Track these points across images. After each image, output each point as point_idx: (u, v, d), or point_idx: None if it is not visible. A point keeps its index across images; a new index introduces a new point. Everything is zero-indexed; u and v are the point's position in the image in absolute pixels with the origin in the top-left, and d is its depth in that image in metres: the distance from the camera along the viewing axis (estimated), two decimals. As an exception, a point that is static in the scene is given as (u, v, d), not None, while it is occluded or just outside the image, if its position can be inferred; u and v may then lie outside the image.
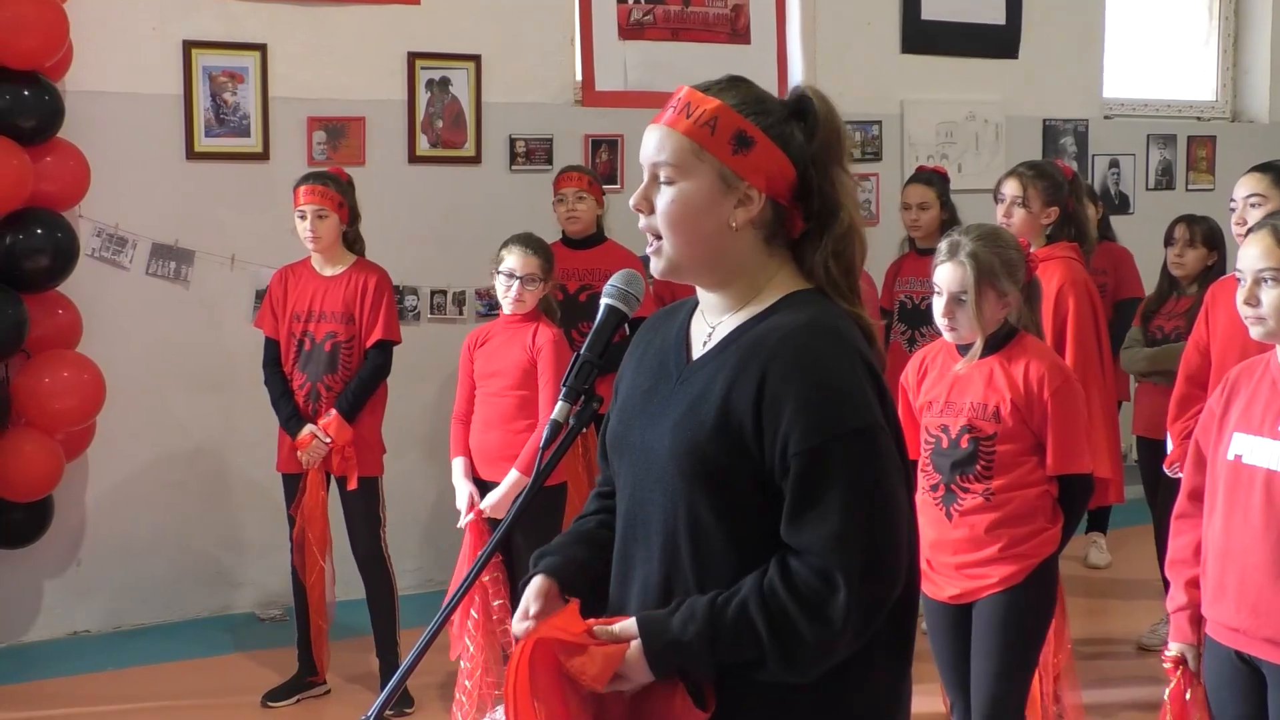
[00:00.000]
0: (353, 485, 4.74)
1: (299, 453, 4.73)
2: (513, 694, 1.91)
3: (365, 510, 4.80)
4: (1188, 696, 2.96)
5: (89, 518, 5.63)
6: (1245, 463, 2.80)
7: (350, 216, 4.82)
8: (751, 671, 1.91)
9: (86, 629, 5.64)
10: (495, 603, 4.39)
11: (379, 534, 4.83)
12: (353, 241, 4.87)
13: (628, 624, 1.95)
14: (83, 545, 5.63)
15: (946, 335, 3.57)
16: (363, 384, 4.74)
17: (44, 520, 5.31)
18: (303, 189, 4.74)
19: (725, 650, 1.89)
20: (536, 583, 2.09)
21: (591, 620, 1.99)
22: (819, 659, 1.89)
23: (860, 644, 1.91)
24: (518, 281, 4.41)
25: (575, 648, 1.94)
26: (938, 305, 3.53)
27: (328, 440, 4.69)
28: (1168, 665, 3.01)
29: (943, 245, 3.56)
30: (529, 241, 4.48)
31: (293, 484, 4.84)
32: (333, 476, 4.81)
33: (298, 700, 4.89)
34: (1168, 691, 2.99)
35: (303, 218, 4.73)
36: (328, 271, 4.81)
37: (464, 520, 4.48)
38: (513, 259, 4.42)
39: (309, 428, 4.71)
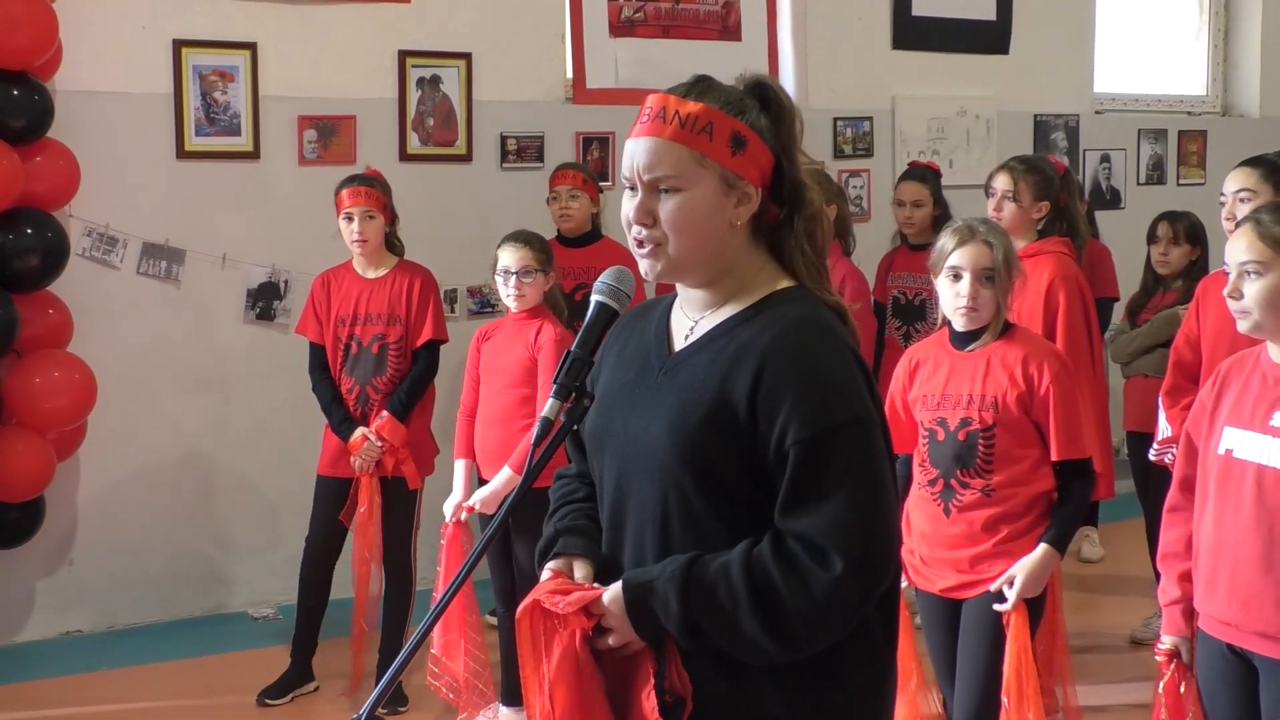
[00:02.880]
0: (415, 484, 4.74)
1: (352, 457, 4.71)
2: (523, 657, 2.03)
3: (405, 512, 4.80)
4: (1181, 689, 2.96)
5: (81, 517, 5.62)
6: (1236, 457, 2.81)
7: (391, 217, 4.83)
8: (726, 638, 1.92)
9: (79, 629, 5.63)
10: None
11: (411, 538, 4.83)
12: (393, 243, 4.87)
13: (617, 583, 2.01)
14: (75, 545, 5.62)
15: (962, 320, 3.53)
16: (415, 384, 4.74)
17: (36, 520, 5.30)
18: (347, 191, 4.73)
19: (699, 602, 1.91)
20: (584, 568, 2.09)
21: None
22: (801, 632, 1.91)
23: (846, 631, 1.94)
24: (514, 277, 4.41)
25: (557, 592, 2.03)
26: (958, 287, 3.50)
27: (380, 443, 4.69)
28: (1160, 659, 3.00)
29: (949, 233, 3.55)
30: (519, 236, 4.49)
31: (329, 488, 4.81)
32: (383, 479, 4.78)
33: (292, 698, 4.89)
34: (1161, 685, 2.99)
35: (349, 220, 4.72)
36: (371, 274, 4.81)
37: (448, 518, 4.49)
38: (505, 256, 4.44)
39: (361, 430, 4.70)
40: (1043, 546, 3.48)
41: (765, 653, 1.92)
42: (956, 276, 3.50)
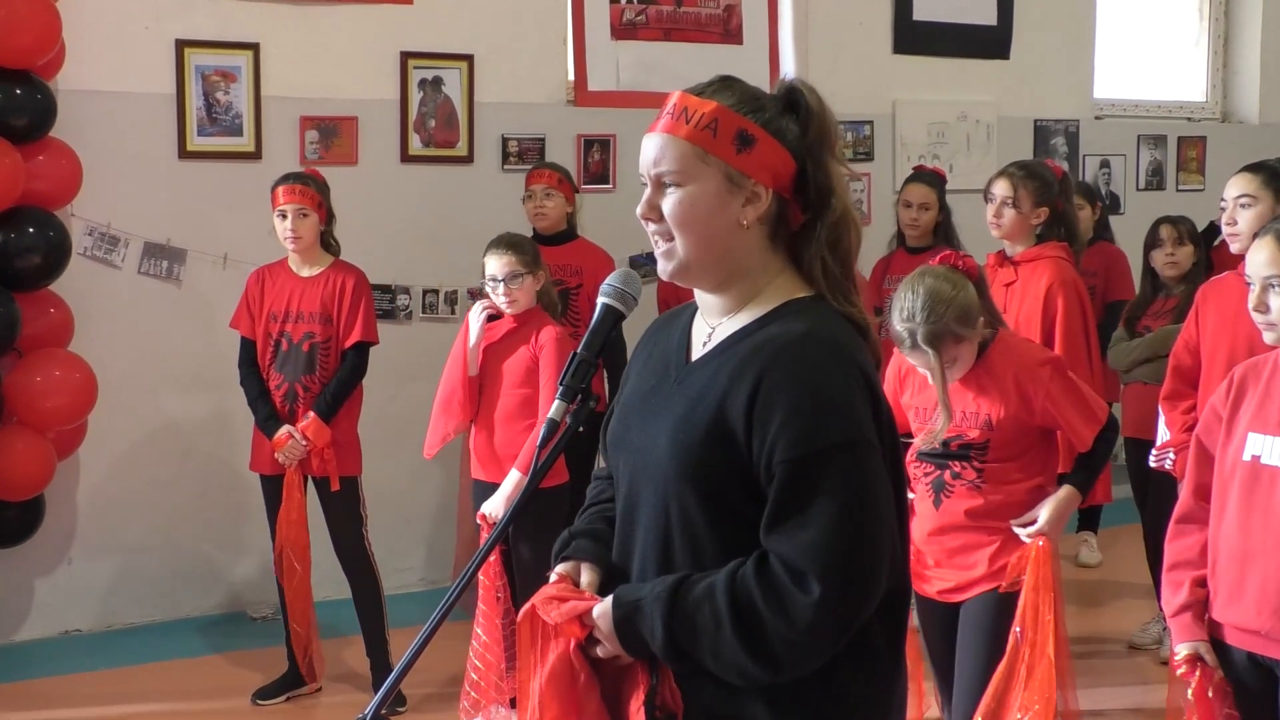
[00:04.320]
0: (336, 486, 4.75)
1: (276, 453, 4.73)
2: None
3: (347, 510, 4.81)
4: (1210, 694, 2.85)
5: (80, 516, 5.63)
6: (1264, 463, 2.77)
7: (327, 217, 4.84)
8: (710, 660, 1.91)
9: (78, 628, 5.64)
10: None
11: (362, 533, 4.84)
12: (328, 243, 4.87)
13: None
14: (74, 544, 5.63)
15: None
16: (341, 385, 4.74)
17: (35, 519, 5.31)
18: (282, 189, 4.74)
19: (683, 624, 1.90)
20: (590, 574, 2.09)
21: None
22: (782, 655, 1.88)
23: (829, 655, 1.91)
24: (500, 284, 4.43)
25: (554, 599, 2.04)
26: (924, 374, 3.51)
27: (305, 442, 4.69)
28: (1183, 669, 2.89)
29: (901, 333, 3.40)
30: (500, 242, 4.49)
31: (269, 485, 4.84)
32: (311, 479, 4.81)
33: (287, 698, 4.90)
34: (1190, 692, 2.87)
35: (283, 217, 4.73)
36: (305, 272, 4.82)
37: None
38: (490, 264, 4.45)
39: (285, 428, 4.71)
40: (1066, 487, 3.52)
41: (748, 676, 1.90)
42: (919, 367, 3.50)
